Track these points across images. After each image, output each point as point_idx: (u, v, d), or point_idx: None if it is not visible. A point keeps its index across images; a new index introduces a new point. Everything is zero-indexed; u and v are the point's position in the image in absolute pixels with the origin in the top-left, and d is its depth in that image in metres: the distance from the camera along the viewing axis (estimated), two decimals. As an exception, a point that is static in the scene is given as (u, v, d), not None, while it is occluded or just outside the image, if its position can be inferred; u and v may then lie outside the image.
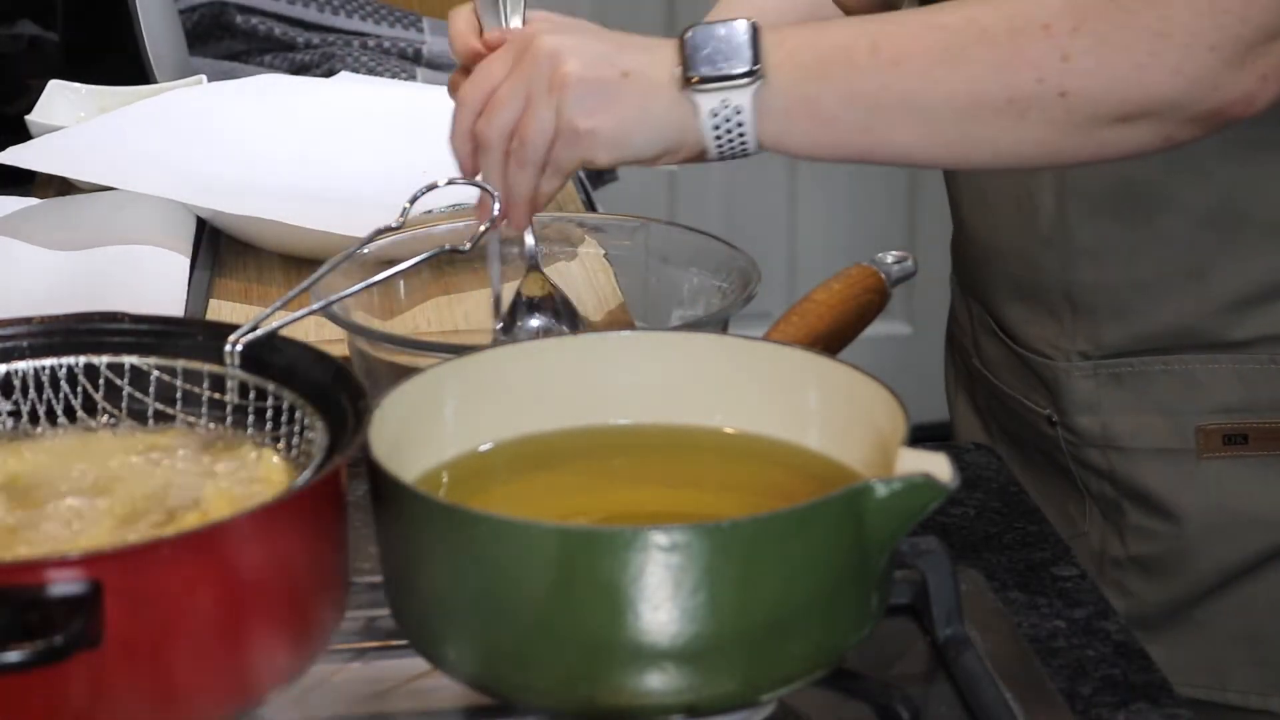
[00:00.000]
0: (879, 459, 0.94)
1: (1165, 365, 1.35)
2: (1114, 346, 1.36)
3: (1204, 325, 1.33)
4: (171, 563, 0.84)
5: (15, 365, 1.02)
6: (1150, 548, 1.37)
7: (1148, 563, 1.37)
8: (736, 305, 1.21)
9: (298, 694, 0.95)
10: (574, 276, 1.36)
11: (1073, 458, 1.40)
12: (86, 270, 1.46)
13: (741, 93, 1.12)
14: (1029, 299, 1.39)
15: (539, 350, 1.04)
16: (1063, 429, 1.40)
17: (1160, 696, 1.02)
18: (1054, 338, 1.38)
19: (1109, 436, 1.37)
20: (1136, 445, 1.36)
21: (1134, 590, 1.38)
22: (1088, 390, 1.37)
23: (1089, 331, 1.36)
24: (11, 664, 0.80)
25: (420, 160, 1.58)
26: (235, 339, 1.01)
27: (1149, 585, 1.38)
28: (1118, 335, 1.35)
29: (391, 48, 2.07)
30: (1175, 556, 1.36)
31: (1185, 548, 1.36)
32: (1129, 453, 1.37)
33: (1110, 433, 1.37)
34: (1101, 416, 1.37)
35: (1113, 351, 1.36)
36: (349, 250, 1.15)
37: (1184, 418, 1.34)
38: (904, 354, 3.31)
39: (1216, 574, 1.35)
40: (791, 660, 0.90)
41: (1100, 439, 1.37)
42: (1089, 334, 1.36)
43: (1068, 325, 1.37)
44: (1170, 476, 1.35)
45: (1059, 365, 1.38)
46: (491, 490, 1.00)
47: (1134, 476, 1.37)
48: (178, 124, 1.67)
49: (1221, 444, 1.34)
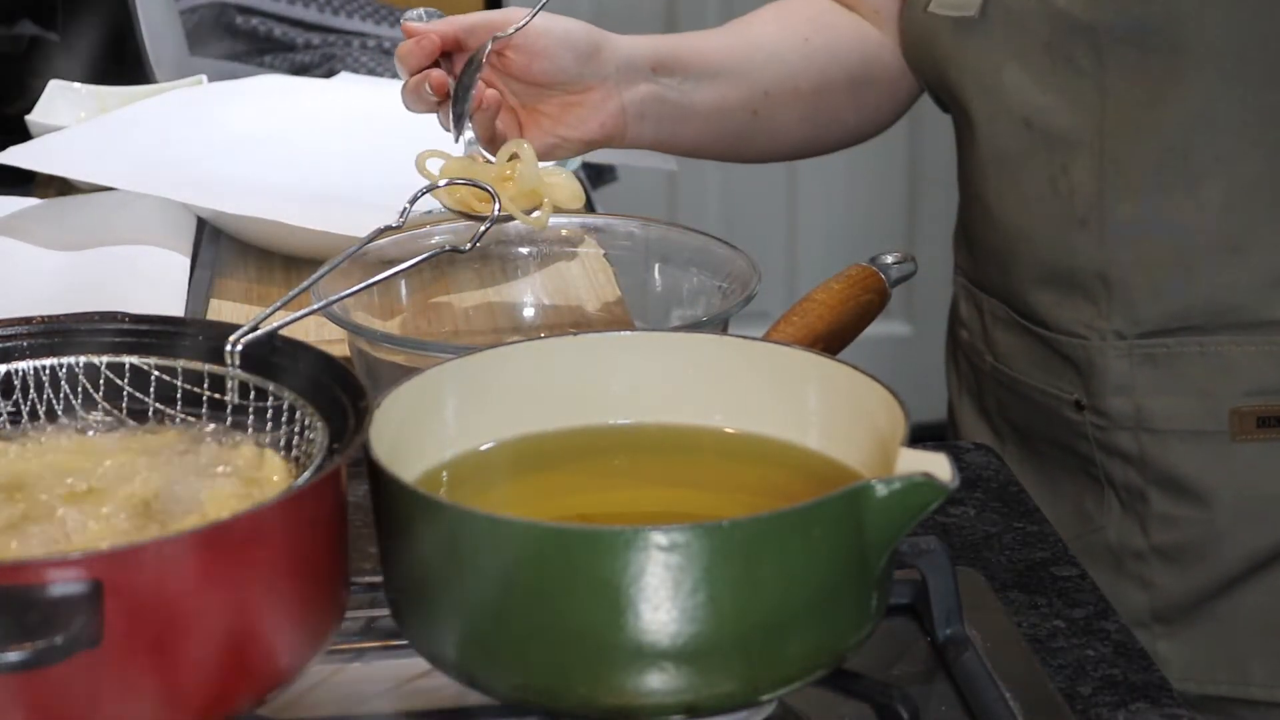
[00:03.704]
0: (879, 459, 0.94)
1: (1201, 346, 1.34)
2: (1150, 325, 1.35)
3: (1242, 303, 1.33)
4: (171, 563, 0.84)
5: (15, 365, 1.02)
6: (1176, 536, 1.36)
7: (1172, 552, 1.37)
8: (736, 305, 1.21)
9: (298, 694, 0.95)
10: (574, 276, 1.36)
11: (1098, 444, 1.39)
12: (86, 270, 1.46)
13: None
14: (1061, 281, 1.38)
15: (539, 350, 1.04)
16: (1091, 413, 1.39)
17: (1160, 696, 1.02)
18: (1089, 319, 1.37)
19: (1141, 418, 1.36)
20: (1169, 427, 1.36)
21: (1156, 582, 1.37)
22: (1121, 371, 1.36)
23: (1125, 311, 1.35)
24: (11, 664, 0.80)
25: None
26: (235, 339, 1.01)
27: (1172, 576, 1.37)
28: (1154, 314, 1.35)
29: (391, 48, 2.07)
30: (1202, 544, 1.36)
31: (1213, 534, 1.35)
32: (1161, 435, 1.36)
33: (1143, 414, 1.36)
34: (1135, 398, 1.36)
35: (1149, 331, 1.35)
36: (349, 250, 1.15)
37: (1218, 400, 1.34)
38: (904, 354, 3.31)
39: (1243, 561, 1.35)
40: (791, 660, 0.90)
41: (1132, 421, 1.37)
42: (1125, 313, 1.35)
43: (1103, 305, 1.36)
44: (1202, 460, 1.35)
45: (1093, 345, 1.37)
46: (491, 490, 1.00)
47: (1164, 460, 1.36)
48: (178, 124, 1.67)
49: (1255, 427, 1.34)
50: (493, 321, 1.32)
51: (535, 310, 1.35)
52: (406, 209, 1.14)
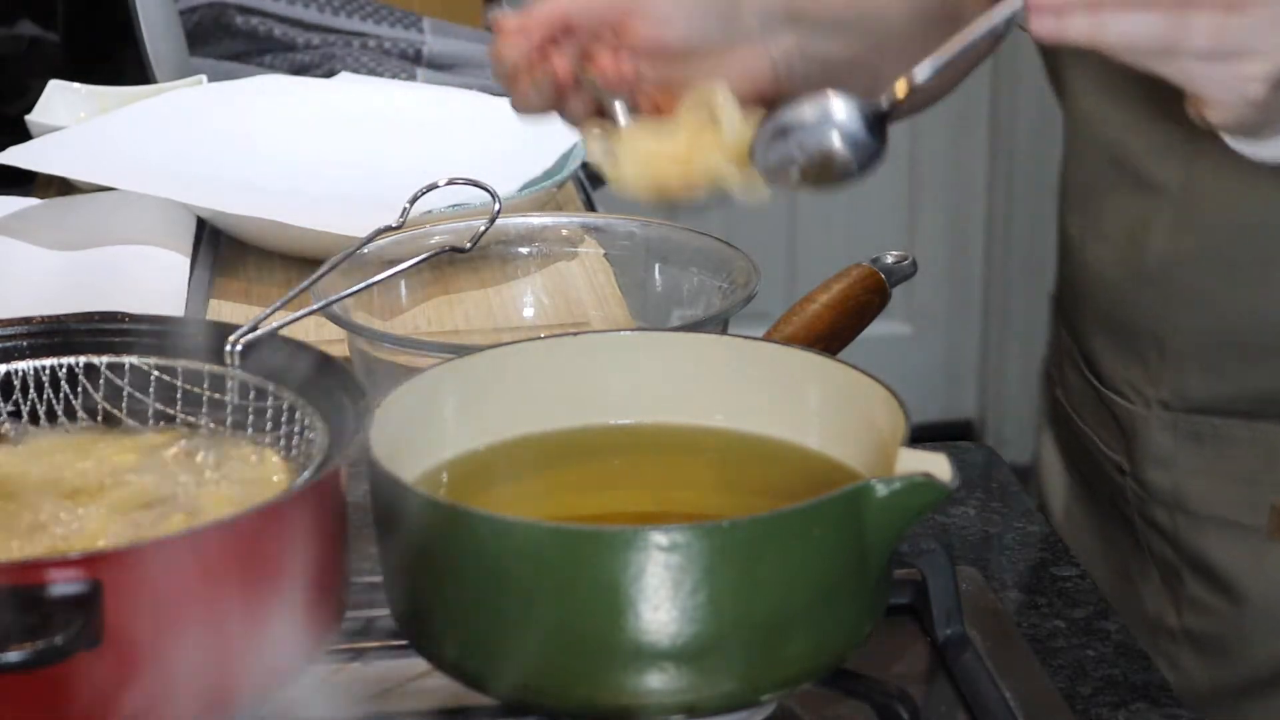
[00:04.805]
0: (879, 459, 0.94)
1: (1250, 431, 1.25)
2: (1198, 402, 1.26)
3: None
4: (171, 563, 0.84)
5: (15, 365, 1.02)
6: (1207, 624, 1.28)
7: (1202, 641, 1.29)
8: (736, 305, 1.21)
9: (298, 694, 0.95)
10: (574, 276, 1.36)
11: (1139, 512, 1.31)
12: (86, 270, 1.46)
13: None
14: (1120, 336, 1.30)
15: (539, 350, 1.04)
16: (1132, 480, 1.31)
17: (1160, 696, 1.02)
18: (1138, 382, 1.28)
19: (1179, 497, 1.28)
20: (1207, 513, 1.26)
21: (1184, 667, 1.29)
22: (1164, 444, 1.28)
23: (1175, 381, 1.26)
24: (11, 664, 0.80)
25: (420, 160, 1.59)
26: (235, 339, 1.01)
27: (1201, 665, 1.29)
28: (1203, 391, 1.25)
29: (391, 48, 2.07)
30: (1232, 639, 1.27)
31: (1244, 632, 1.26)
32: (1197, 519, 1.27)
33: (1181, 494, 1.28)
34: (1174, 474, 1.28)
35: (1196, 407, 1.26)
36: (349, 250, 1.15)
37: (1261, 490, 1.25)
38: (904, 354, 3.31)
39: (1273, 668, 1.26)
40: (791, 660, 0.90)
41: (1169, 498, 1.28)
42: (1174, 384, 1.26)
43: (1154, 370, 1.27)
44: (1238, 552, 1.26)
45: (1138, 411, 1.29)
46: (491, 490, 1.00)
47: (1199, 545, 1.27)
48: (178, 124, 1.67)
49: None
50: (492, 321, 1.32)
51: (535, 310, 1.35)
52: (406, 209, 1.14)
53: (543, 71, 1.13)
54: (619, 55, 1.13)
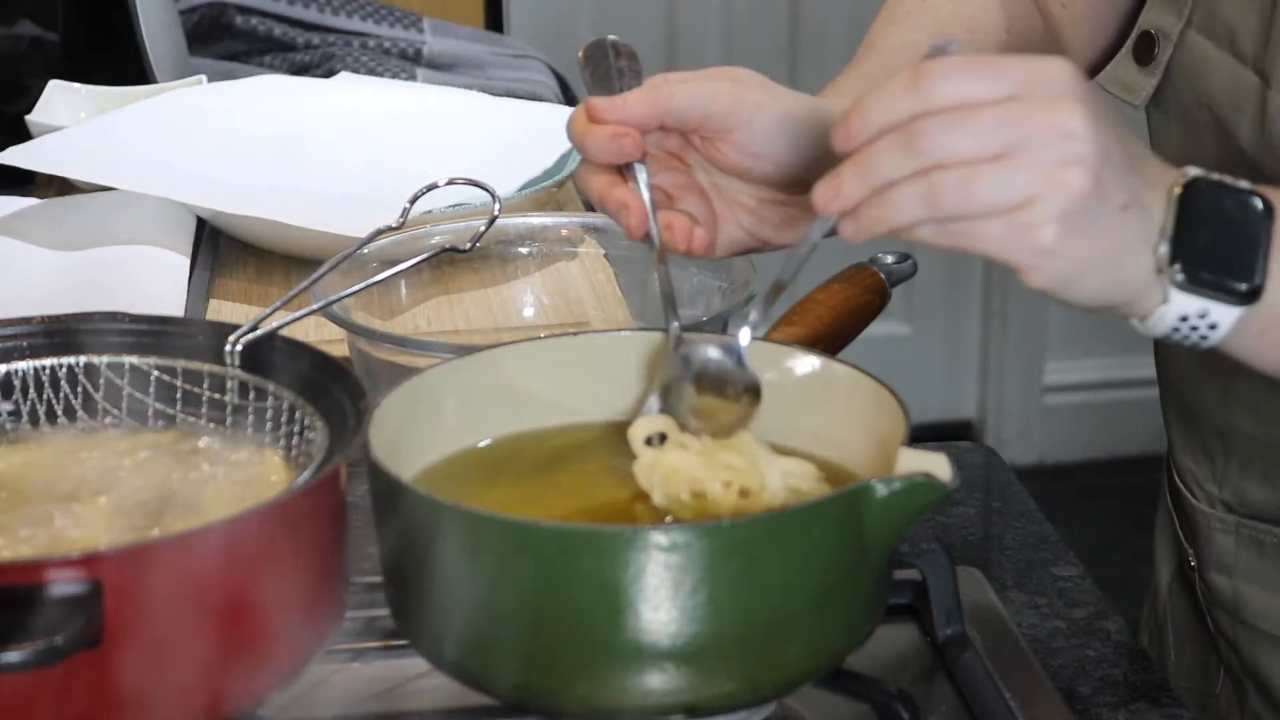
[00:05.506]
0: (879, 459, 0.94)
1: None
2: (1258, 508, 1.19)
3: None
4: (171, 563, 0.84)
5: (15, 365, 1.02)
6: None
7: None
8: (736, 305, 1.21)
9: (298, 694, 0.95)
10: (574, 276, 1.36)
11: (1208, 613, 1.25)
12: (86, 270, 1.46)
13: (1228, 310, 0.91)
14: (1191, 424, 1.23)
15: (539, 350, 1.04)
16: (1200, 579, 1.25)
17: (1160, 696, 1.02)
18: (1203, 479, 1.22)
19: (1239, 606, 1.21)
20: (1264, 628, 1.19)
21: None
22: (1226, 547, 1.21)
23: (1236, 483, 1.20)
24: (11, 664, 0.80)
25: (420, 160, 1.59)
26: (235, 339, 1.01)
27: None
28: (1263, 498, 1.18)
29: (391, 48, 2.07)
30: None
31: None
32: (1255, 633, 1.20)
33: (1240, 602, 1.21)
34: (1235, 581, 1.21)
35: (1257, 513, 1.19)
36: (349, 250, 1.15)
37: None
38: (904, 354, 3.31)
39: None
40: (792, 661, 0.90)
41: (1230, 605, 1.21)
42: (1235, 486, 1.20)
43: (1219, 469, 1.21)
44: None
45: (1202, 510, 1.22)
46: (491, 490, 1.00)
47: (1257, 659, 1.21)
48: (178, 124, 1.67)
49: None
50: (492, 321, 1.32)
51: (535, 310, 1.35)
52: (406, 209, 1.14)
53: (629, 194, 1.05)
54: (695, 232, 1.06)
